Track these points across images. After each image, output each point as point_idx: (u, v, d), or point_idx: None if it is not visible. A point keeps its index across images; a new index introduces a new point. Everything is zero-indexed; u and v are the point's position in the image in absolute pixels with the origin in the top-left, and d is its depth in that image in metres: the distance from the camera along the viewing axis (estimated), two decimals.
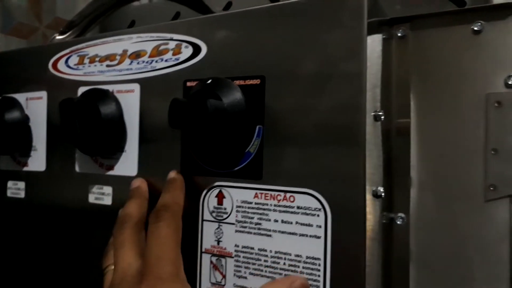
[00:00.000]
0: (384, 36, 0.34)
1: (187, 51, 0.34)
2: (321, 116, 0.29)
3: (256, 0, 0.49)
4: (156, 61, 0.36)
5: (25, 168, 0.44)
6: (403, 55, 0.35)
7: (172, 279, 0.29)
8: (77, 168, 0.41)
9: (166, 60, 0.36)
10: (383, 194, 0.30)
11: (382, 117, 0.30)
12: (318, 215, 0.29)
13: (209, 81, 0.31)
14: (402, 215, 0.34)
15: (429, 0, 0.39)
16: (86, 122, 0.36)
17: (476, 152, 0.32)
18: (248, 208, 0.32)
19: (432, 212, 0.34)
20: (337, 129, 0.29)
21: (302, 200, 0.30)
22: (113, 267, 0.32)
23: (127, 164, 0.37)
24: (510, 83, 0.31)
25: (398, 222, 0.34)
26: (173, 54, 0.35)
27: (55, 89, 0.43)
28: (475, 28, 0.33)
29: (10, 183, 0.46)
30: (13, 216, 0.45)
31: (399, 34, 0.35)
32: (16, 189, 0.45)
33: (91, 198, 0.40)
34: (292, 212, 0.30)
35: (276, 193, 0.31)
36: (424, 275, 0.34)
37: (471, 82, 0.33)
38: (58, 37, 0.45)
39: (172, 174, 0.34)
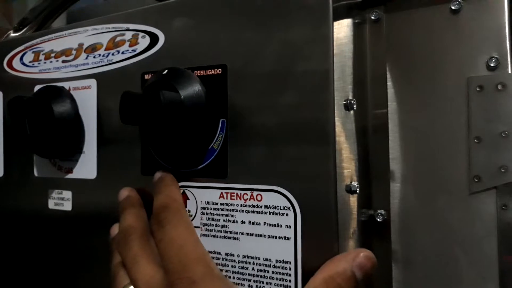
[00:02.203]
0: (356, 20, 0.31)
1: (144, 42, 0.32)
2: (287, 108, 0.27)
3: None
4: (113, 54, 0.33)
5: None
6: (378, 39, 0.32)
7: (207, 278, 0.25)
8: (35, 172, 0.38)
9: (122, 52, 0.33)
10: (358, 189, 0.28)
11: (355, 106, 0.28)
12: (287, 214, 0.26)
13: (165, 72, 0.28)
14: (382, 211, 0.31)
15: None
16: (38, 122, 0.33)
17: (458, 141, 0.30)
18: (214, 209, 0.29)
19: (414, 207, 0.32)
20: (305, 120, 0.26)
21: (270, 198, 0.27)
22: (131, 286, 0.28)
23: (86, 166, 0.35)
24: (492, 65, 0.29)
25: (378, 219, 0.31)
26: (130, 46, 0.32)
27: (11, 89, 0.40)
28: (453, 7, 0.30)
29: None
30: None
31: (372, 18, 0.32)
32: None
33: (51, 204, 0.37)
34: (260, 212, 0.27)
35: (243, 192, 0.28)
36: (408, 275, 0.32)
37: (451, 66, 0.30)
38: (13, 35, 0.42)
39: (159, 174, 0.31)
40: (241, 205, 0.28)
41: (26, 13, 0.41)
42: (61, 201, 0.36)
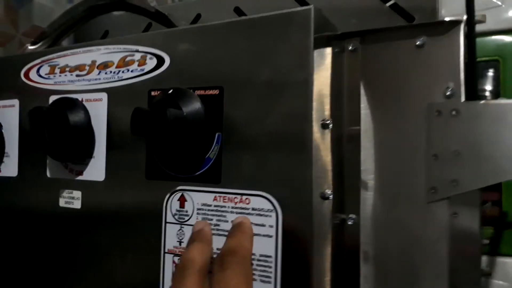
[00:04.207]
0: (336, 50, 0.36)
1: (151, 62, 0.37)
2: (273, 124, 0.32)
3: (225, 13, 0.52)
4: (123, 72, 0.38)
5: None
6: (354, 67, 0.37)
7: None
8: (48, 174, 0.42)
9: (132, 71, 0.38)
10: (331, 196, 0.33)
11: (330, 125, 0.33)
12: (270, 216, 0.31)
13: (170, 91, 0.33)
14: (353, 216, 0.36)
15: (380, 14, 0.42)
16: (56, 129, 0.37)
17: (419, 157, 0.35)
18: (208, 210, 0.34)
19: (381, 213, 0.37)
20: (287, 136, 0.31)
21: (257, 202, 0.32)
22: None
23: (95, 169, 0.39)
24: (448, 94, 0.34)
25: (349, 223, 0.36)
26: (139, 65, 0.37)
27: (27, 98, 0.44)
28: (418, 43, 0.35)
29: None
30: None
31: (350, 48, 0.37)
32: None
33: (62, 202, 0.41)
34: (247, 214, 0.32)
35: (233, 196, 0.33)
36: (374, 272, 0.37)
37: (414, 92, 0.36)
38: (30, 47, 0.47)
39: (239, 219, 0.32)
40: (232, 207, 0.33)
41: (44, 27, 0.46)
42: (71, 200, 0.41)
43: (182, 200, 0.35)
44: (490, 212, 0.86)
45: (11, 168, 0.45)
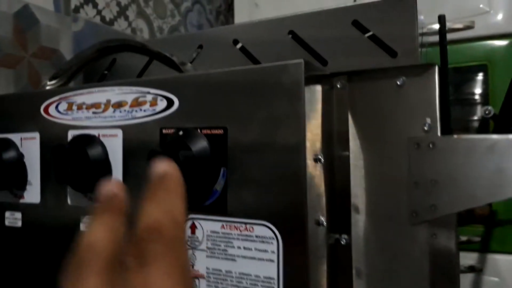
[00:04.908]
0: (326, 87, 0.41)
1: (162, 103, 0.41)
2: (271, 160, 0.36)
3: (224, 43, 0.56)
4: (136, 111, 0.42)
5: (22, 200, 0.50)
6: (342, 102, 0.42)
7: None
8: (69, 201, 0.47)
9: (144, 110, 0.42)
10: (324, 222, 0.37)
11: (322, 160, 0.37)
12: (272, 243, 0.36)
13: (181, 133, 0.38)
14: (345, 236, 0.41)
15: (368, 51, 0.46)
16: (77, 165, 0.42)
17: (402, 184, 0.40)
18: (216, 237, 0.38)
19: (371, 233, 0.41)
20: (283, 170, 0.35)
21: (260, 230, 0.36)
22: None
23: None
24: (425, 128, 0.39)
25: (342, 242, 0.41)
26: (150, 106, 0.41)
27: (47, 131, 0.49)
28: (398, 83, 0.40)
29: (7, 214, 0.51)
30: (10, 244, 0.51)
31: (338, 86, 0.42)
32: (14, 219, 0.51)
33: (82, 227, 0.46)
34: (251, 240, 0.37)
35: (239, 224, 0.37)
36: (364, 286, 0.41)
37: (396, 127, 0.40)
38: (49, 83, 0.51)
39: (163, 166, 0.22)
40: (238, 235, 0.37)
41: (60, 65, 0.50)
42: None
43: (193, 228, 0.39)
44: (480, 211, 0.91)
45: (34, 195, 0.49)
